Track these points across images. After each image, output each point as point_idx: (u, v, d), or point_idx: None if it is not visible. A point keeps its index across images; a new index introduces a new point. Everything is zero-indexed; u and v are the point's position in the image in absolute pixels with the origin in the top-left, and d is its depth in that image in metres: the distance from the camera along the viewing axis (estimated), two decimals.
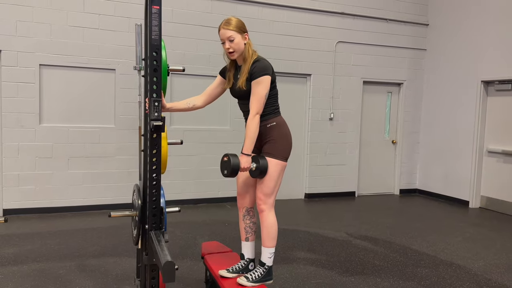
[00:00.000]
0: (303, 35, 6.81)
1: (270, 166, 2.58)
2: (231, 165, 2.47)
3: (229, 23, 2.58)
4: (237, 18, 2.65)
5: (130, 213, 2.72)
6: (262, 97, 2.51)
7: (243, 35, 2.59)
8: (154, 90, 2.40)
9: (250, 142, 2.50)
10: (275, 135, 2.61)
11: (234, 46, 2.58)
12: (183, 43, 6.10)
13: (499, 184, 6.55)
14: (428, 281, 3.75)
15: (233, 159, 2.48)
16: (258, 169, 2.56)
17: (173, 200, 5.93)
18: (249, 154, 2.52)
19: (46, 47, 5.46)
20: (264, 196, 2.60)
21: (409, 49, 7.59)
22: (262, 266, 2.68)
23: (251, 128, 2.50)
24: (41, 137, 5.51)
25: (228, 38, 2.57)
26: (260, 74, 2.51)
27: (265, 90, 2.52)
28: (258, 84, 2.51)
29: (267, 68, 2.55)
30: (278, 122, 2.63)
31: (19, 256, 4.05)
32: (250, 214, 2.74)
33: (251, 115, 2.51)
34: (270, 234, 2.62)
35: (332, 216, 6.02)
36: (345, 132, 7.28)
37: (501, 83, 6.44)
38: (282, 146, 2.61)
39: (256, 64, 2.55)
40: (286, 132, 2.66)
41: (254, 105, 2.51)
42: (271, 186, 2.59)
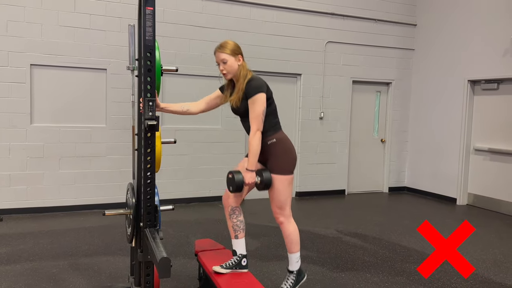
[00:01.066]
0: (293, 35, 6.88)
1: (276, 182, 2.68)
2: (235, 182, 2.59)
3: (223, 46, 2.71)
4: (232, 41, 2.76)
5: (125, 211, 2.76)
6: (259, 114, 2.61)
7: (237, 57, 2.70)
8: (148, 90, 2.44)
9: (253, 158, 2.61)
10: (276, 152, 2.70)
11: (227, 68, 2.69)
12: (175, 43, 6.13)
13: (485, 181, 6.68)
14: (416, 276, 3.84)
15: (236, 176, 2.60)
16: (263, 183, 2.67)
17: (165, 199, 5.96)
18: (252, 170, 2.62)
19: (37, 47, 5.45)
20: (279, 209, 2.73)
21: (397, 49, 7.71)
22: (292, 273, 2.83)
23: (253, 144, 2.60)
24: (32, 137, 5.51)
25: (222, 60, 2.69)
26: (254, 92, 2.61)
27: (261, 107, 2.61)
28: (253, 102, 2.62)
29: (261, 86, 2.64)
30: (278, 139, 2.72)
31: (12, 255, 4.05)
32: (236, 213, 2.80)
33: (251, 132, 2.62)
34: (293, 241, 2.80)
35: (322, 213, 6.10)
36: (335, 131, 7.37)
37: (487, 82, 6.58)
38: (284, 162, 2.70)
39: (250, 84, 2.65)
40: (287, 147, 2.74)
41: (253, 123, 2.62)
42: (282, 199, 2.71)
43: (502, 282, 3.77)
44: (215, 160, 6.52)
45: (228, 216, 2.81)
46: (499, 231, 5.42)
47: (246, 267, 2.81)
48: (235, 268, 2.78)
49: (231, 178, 2.62)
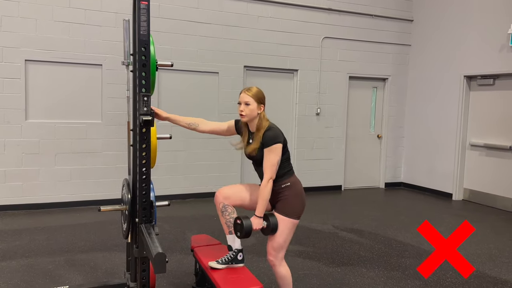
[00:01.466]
0: (290, 30, 6.87)
1: (281, 223, 2.69)
2: (244, 228, 2.58)
3: (250, 91, 2.74)
4: (260, 90, 2.79)
5: (120, 207, 2.76)
6: (274, 164, 2.64)
7: (259, 105, 2.73)
8: (143, 85, 2.43)
9: (262, 205, 2.64)
10: (289, 195, 2.72)
11: (247, 111, 2.71)
12: (170, 39, 6.10)
13: (481, 177, 6.71)
14: (412, 270, 3.86)
15: (245, 222, 2.60)
16: (269, 228, 2.68)
17: (161, 195, 5.94)
18: (261, 217, 2.65)
19: (32, 42, 5.42)
20: (274, 251, 2.73)
21: (394, 45, 7.70)
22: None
23: (265, 192, 2.63)
24: (27, 133, 5.48)
25: (245, 102, 2.71)
26: (272, 142, 2.64)
27: (277, 157, 2.65)
28: (270, 152, 2.64)
29: (279, 136, 2.67)
30: (292, 182, 2.75)
31: (8, 252, 4.04)
32: (228, 210, 2.81)
33: (264, 181, 2.64)
34: (285, 284, 2.78)
35: (319, 209, 6.11)
36: (332, 127, 7.37)
37: (483, 78, 6.59)
38: (295, 205, 2.73)
39: (267, 133, 2.67)
40: (300, 191, 2.78)
41: (267, 172, 2.64)
42: (280, 242, 2.71)
43: (497, 276, 3.80)
44: (211, 156, 6.51)
45: (220, 213, 2.81)
46: (495, 226, 5.45)
47: (242, 262, 2.81)
48: (231, 263, 2.78)
49: (239, 224, 2.64)
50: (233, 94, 6.41)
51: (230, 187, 2.86)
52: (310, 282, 3.54)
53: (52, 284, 3.35)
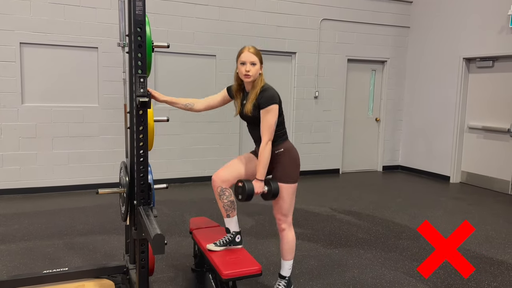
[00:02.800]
0: (288, 12, 6.79)
1: (282, 190, 2.72)
2: (246, 191, 2.58)
3: (253, 49, 2.70)
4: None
5: (118, 189, 2.75)
6: (271, 125, 2.62)
7: (261, 65, 2.72)
8: (139, 66, 2.40)
9: (263, 168, 2.63)
10: (283, 161, 2.72)
11: (253, 71, 2.67)
12: (167, 20, 6.03)
13: (479, 159, 6.72)
14: (409, 252, 3.89)
15: (247, 184, 2.59)
16: (271, 192, 2.69)
17: (159, 179, 5.96)
18: (262, 180, 2.64)
19: (26, 24, 5.34)
20: (283, 216, 2.79)
21: (393, 27, 7.63)
22: (283, 279, 2.88)
23: (264, 155, 2.62)
24: (24, 117, 5.44)
25: (252, 62, 2.67)
26: (269, 103, 2.61)
27: (274, 118, 2.63)
28: (267, 113, 2.62)
29: (275, 97, 2.65)
30: (286, 148, 2.74)
31: (6, 235, 4.05)
32: (226, 193, 2.80)
33: (263, 143, 2.62)
34: (290, 249, 2.84)
35: (316, 192, 6.13)
36: (330, 110, 7.35)
37: (482, 60, 6.55)
38: (291, 171, 2.73)
39: (263, 94, 2.64)
40: (294, 156, 2.77)
41: (265, 134, 2.62)
42: (286, 207, 2.77)
43: (493, 257, 3.83)
44: (209, 140, 6.50)
45: (218, 197, 2.81)
46: (492, 208, 5.48)
47: (240, 243, 2.83)
48: (229, 245, 2.79)
49: (241, 187, 2.63)
50: (231, 76, 6.34)
51: (226, 168, 2.84)
52: (308, 264, 3.56)
53: (52, 266, 3.36)
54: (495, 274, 3.47)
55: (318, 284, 3.22)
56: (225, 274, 2.47)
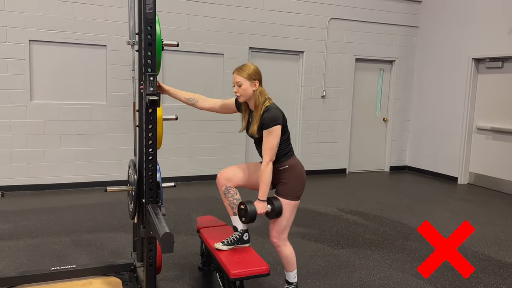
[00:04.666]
0: (296, 11, 6.76)
1: (283, 206, 2.68)
2: (249, 213, 2.56)
3: (240, 69, 2.68)
4: (253, 65, 2.72)
5: (127, 188, 2.76)
6: (273, 147, 2.60)
7: (252, 82, 2.66)
8: (149, 65, 2.40)
9: (265, 188, 2.61)
10: (287, 177, 2.70)
11: (241, 91, 2.67)
12: (175, 19, 6.03)
13: (487, 160, 6.67)
14: (417, 253, 3.86)
15: (249, 207, 2.57)
16: (274, 211, 2.66)
17: (167, 177, 5.95)
18: (264, 200, 2.62)
19: (36, 22, 5.37)
20: (277, 233, 2.73)
21: (401, 26, 7.58)
22: (290, 284, 2.86)
23: (265, 175, 2.60)
24: (32, 114, 5.47)
25: (237, 83, 2.67)
26: (271, 124, 2.58)
27: (276, 140, 2.60)
28: (269, 134, 2.60)
29: (278, 117, 2.61)
30: (291, 165, 2.71)
31: (15, 231, 4.08)
32: (231, 192, 2.80)
33: (264, 163, 2.60)
34: (289, 261, 2.80)
35: (323, 192, 6.11)
36: (337, 110, 7.32)
37: (492, 61, 6.49)
38: (294, 187, 2.70)
39: (266, 114, 2.61)
40: (298, 172, 2.74)
41: (266, 154, 2.60)
42: (283, 224, 2.71)
43: (502, 259, 3.80)
44: (216, 139, 6.50)
45: (223, 195, 2.81)
46: (500, 210, 5.43)
47: (248, 242, 2.82)
48: (237, 244, 2.78)
49: (243, 209, 2.61)
50: None
51: (231, 168, 2.84)
52: (315, 264, 3.55)
53: (59, 263, 3.38)
54: (504, 277, 3.44)
55: (325, 284, 3.20)
56: (233, 274, 2.47)
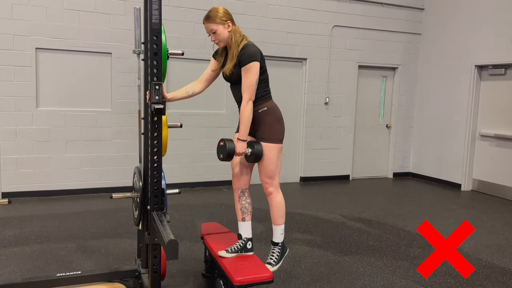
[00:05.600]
0: (299, 19, 6.82)
1: (267, 150, 2.67)
2: (227, 150, 2.56)
3: (209, 17, 2.65)
4: (220, 7, 2.69)
5: (132, 194, 2.79)
6: (252, 84, 2.58)
7: (225, 24, 2.66)
8: (154, 74, 2.44)
9: (245, 128, 2.59)
10: (268, 120, 2.69)
11: (217, 37, 2.67)
12: (179, 27, 6.09)
13: (491, 167, 6.67)
14: (420, 260, 3.86)
15: (228, 144, 2.56)
16: (253, 154, 2.66)
17: (171, 183, 6.00)
18: (244, 140, 2.61)
19: (42, 30, 5.44)
20: (269, 179, 2.74)
21: (404, 34, 7.62)
22: (276, 245, 2.85)
23: (245, 114, 2.58)
24: (38, 121, 5.53)
25: (211, 31, 2.66)
26: (248, 60, 2.57)
27: (254, 77, 2.59)
28: (247, 71, 2.58)
29: (255, 54, 2.60)
30: (269, 107, 2.71)
31: (20, 238, 4.11)
32: (245, 195, 2.82)
33: (244, 102, 2.59)
34: (279, 212, 2.79)
35: (326, 199, 6.12)
36: (340, 116, 7.35)
37: (495, 68, 6.51)
38: (275, 130, 2.69)
39: (243, 51, 2.60)
40: (278, 115, 2.74)
41: (245, 92, 2.59)
42: (272, 168, 2.71)
43: (505, 267, 3.80)
44: None
45: (237, 198, 2.83)
46: (504, 217, 5.43)
47: (251, 250, 2.84)
48: (241, 252, 2.81)
49: (222, 146, 2.60)
50: None
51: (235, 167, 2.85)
52: (318, 271, 3.56)
53: (64, 269, 3.40)
54: (507, 284, 3.44)
55: None
56: (237, 281, 2.49)
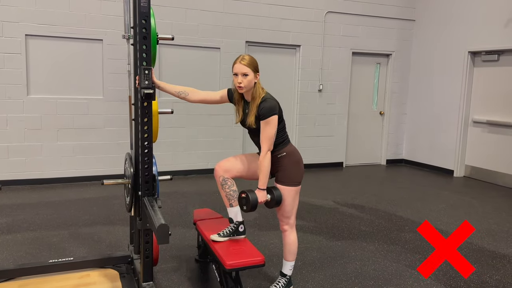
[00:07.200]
0: (292, 4, 6.76)
1: (284, 193, 2.73)
2: (251, 202, 2.61)
3: (246, 60, 2.66)
4: (252, 57, 2.72)
5: (123, 181, 2.78)
6: (271, 136, 2.63)
7: (255, 74, 2.68)
8: (144, 58, 2.42)
9: (264, 178, 2.65)
10: (286, 164, 2.74)
11: (245, 82, 2.66)
12: (171, 13, 6.02)
13: (483, 153, 6.71)
14: (411, 244, 3.91)
15: (251, 195, 2.62)
16: (273, 200, 2.71)
17: (164, 171, 5.99)
18: (264, 189, 2.67)
19: (32, 16, 5.36)
20: (286, 218, 2.80)
21: (398, 20, 7.59)
22: (284, 276, 2.91)
23: (264, 165, 2.64)
24: (29, 108, 5.48)
25: (243, 73, 2.65)
26: (268, 115, 2.61)
27: (273, 130, 2.64)
28: (266, 124, 2.62)
29: (275, 108, 2.64)
30: (288, 152, 2.76)
31: (13, 225, 4.10)
32: (228, 183, 2.82)
33: (262, 153, 2.64)
34: (291, 250, 2.87)
35: (320, 185, 6.14)
36: (334, 104, 7.34)
37: (488, 54, 6.51)
38: (293, 174, 2.74)
39: (264, 105, 2.64)
40: (296, 159, 2.78)
41: (264, 144, 2.63)
42: (289, 210, 2.77)
43: (495, 250, 3.84)
44: (213, 133, 6.52)
45: (220, 187, 2.83)
46: (495, 202, 5.48)
47: (243, 233, 2.85)
48: (233, 235, 2.82)
49: (245, 198, 2.66)
50: None
51: (228, 159, 2.87)
52: (311, 256, 3.59)
53: (57, 256, 3.41)
54: (497, 267, 3.49)
55: (320, 275, 3.24)
56: (229, 265, 2.50)
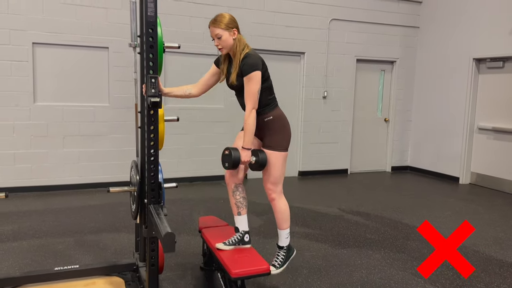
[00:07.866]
0: (297, 12, 6.79)
1: (272, 158, 2.70)
2: (232, 159, 2.59)
3: (216, 21, 2.66)
4: (227, 14, 2.71)
5: (129, 188, 2.79)
6: (254, 93, 2.59)
7: (231, 31, 2.67)
8: (150, 67, 2.43)
9: (249, 136, 2.62)
10: (273, 129, 2.71)
11: (222, 43, 2.66)
12: (176, 21, 6.07)
13: (489, 160, 6.68)
14: (418, 253, 3.88)
15: (234, 152, 2.60)
16: (258, 163, 2.69)
17: (168, 178, 5.99)
18: (249, 148, 2.63)
19: (39, 25, 5.41)
20: (272, 185, 2.77)
21: (402, 27, 7.60)
22: (281, 249, 2.88)
23: (248, 123, 2.60)
24: (35, 116, 5.52)
25: (216, 36, 2.66)
26: (250, 70, 2.58)
27: (256, 86, 2.60)
28: (249, 81, 2.59)
29: (256, 63, 2.61)
30: (275, 116, 2.72)
31: (18, 232, 4.11)
32: (239, 189, 2.82)
33: (247, 111, 2.61)
34: (283, 217, 2.83)
35: (325, 192, 6.13)
36: (339, 110, 7.34)
37: (493, 61, 6.50)
38: (280, 138, 2.72)
39: (245, 61, 2.61)
40: (283, 123, 2.75)
41: (248, 101, 2.60)
42: (276, 176, 2.74)
43: (503, 259, 3.81)
44: (218, 139, 6.53)
45: (231, 193, 2.83)
46: (502, 210, 5.44)
47: (249, 243, 2.85)
48: (238, 245, 2.81)
49: (227, 155, 2.63)
50: None
51: None
52: (316, 264, 3.57)
53: (62, 263, 3.41)
54: (504, 276, 3.45)
55: (326, 284, 3.22)
56: (234, 273, 2.49)
